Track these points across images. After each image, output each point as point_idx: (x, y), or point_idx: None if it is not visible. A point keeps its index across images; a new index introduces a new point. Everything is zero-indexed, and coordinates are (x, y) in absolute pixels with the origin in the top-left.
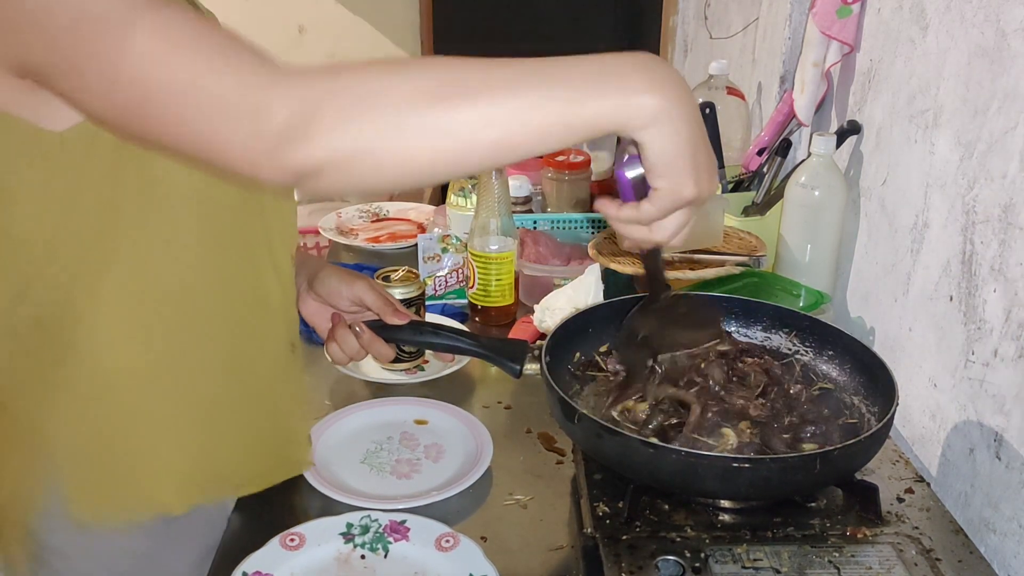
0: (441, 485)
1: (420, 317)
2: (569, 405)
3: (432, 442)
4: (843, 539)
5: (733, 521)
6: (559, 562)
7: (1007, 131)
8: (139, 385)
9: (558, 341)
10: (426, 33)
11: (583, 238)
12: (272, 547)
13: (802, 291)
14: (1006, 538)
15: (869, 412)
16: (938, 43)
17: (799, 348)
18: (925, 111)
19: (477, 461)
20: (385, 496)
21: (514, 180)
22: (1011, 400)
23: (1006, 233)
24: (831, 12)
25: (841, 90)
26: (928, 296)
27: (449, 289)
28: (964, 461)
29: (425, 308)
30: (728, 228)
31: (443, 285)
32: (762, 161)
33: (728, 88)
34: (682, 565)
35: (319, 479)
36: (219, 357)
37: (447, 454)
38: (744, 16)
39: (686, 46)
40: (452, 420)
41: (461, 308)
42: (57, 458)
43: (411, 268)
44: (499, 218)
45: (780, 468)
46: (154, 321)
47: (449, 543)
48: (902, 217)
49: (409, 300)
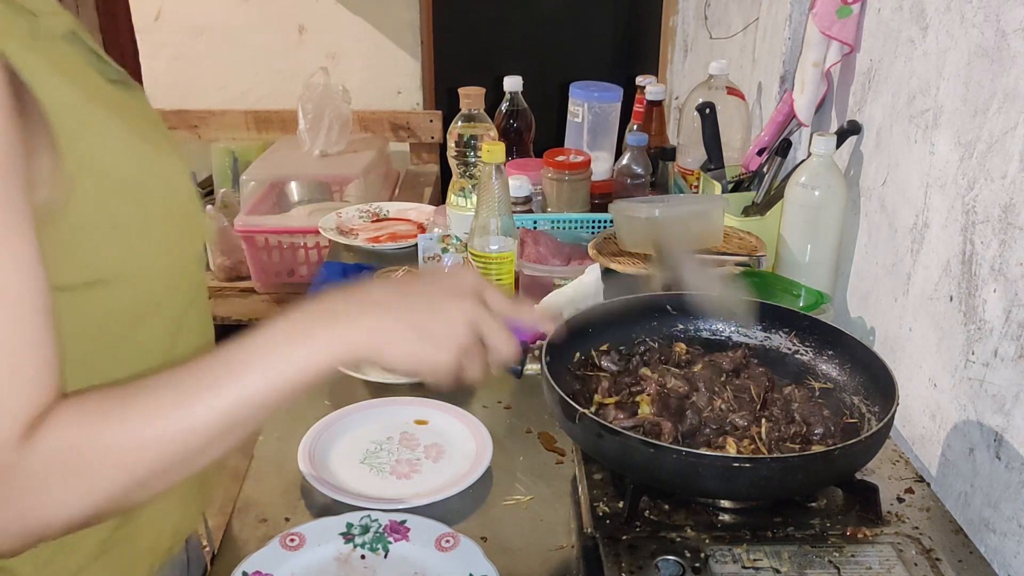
0: (441, 485)
1: None
2: (569, 405)
3: (432, 442)
4: (843, 539)
5: (733, 521)
6: (559, 562)
7: (1007, 131)
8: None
9: (558, 341)
10: (426, 33)
11: (583, 238)
12: (272, 547)
13: (802, 291)
14: (1006, 538)
15: (869, 412)
16: (938, 43)
17: (799, 348)
18: (925, 111)
19: (477, 461)
20: (385, 496)
21: (514, 180)
22: (1011, 400)
23: (1006, 233)
24: (831, 12)
25: (841, 90)
26: (928, 296)
27: None
28: (964, 461)
29: None
30: (728, 228)
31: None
32: (762, 161)
33: (728, 88)
34: (682, 565)
35: (319, 479)
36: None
37: (447, 454)
38: (744, 16)
39: (686, 46)
40: (452, 420)
41: None
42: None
43: (411, 268)
44: (499, 218)
45: (780, 468)
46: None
47: (449, 543)
48: (902, 217)
49: None
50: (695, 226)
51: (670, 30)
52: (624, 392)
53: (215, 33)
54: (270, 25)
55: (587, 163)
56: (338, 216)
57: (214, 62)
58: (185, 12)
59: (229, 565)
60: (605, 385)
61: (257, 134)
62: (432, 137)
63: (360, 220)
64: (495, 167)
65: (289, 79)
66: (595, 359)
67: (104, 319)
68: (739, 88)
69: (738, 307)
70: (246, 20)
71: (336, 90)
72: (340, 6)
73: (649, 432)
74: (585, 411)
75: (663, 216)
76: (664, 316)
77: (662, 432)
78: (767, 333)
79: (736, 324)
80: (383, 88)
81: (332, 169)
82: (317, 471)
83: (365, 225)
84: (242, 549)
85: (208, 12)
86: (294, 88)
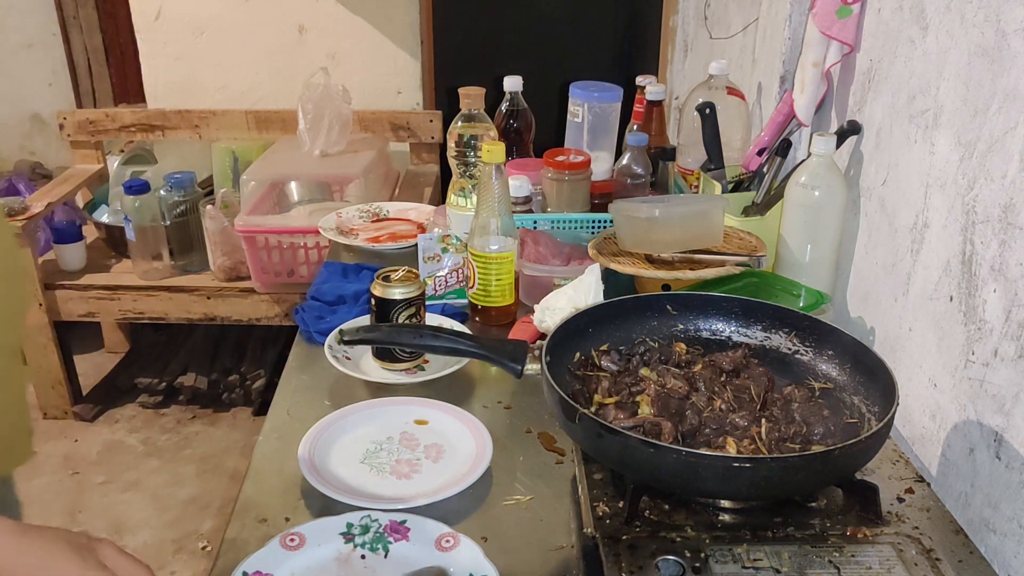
0: (441, 485)
1: (420, 317)
2: (569, 405)
3: (432, 442)
4: (843, 539)
5: (733, 521)
6: (559, 562)
7: (1007, 131)
8: None
9: (558, 341)
10: (426, 33)
11: (583, 238)
12: (272, 547)
13: (802, 291)
14: (1006, 538)
15: (869, 412)
16: (938, 43)
17: (799, 348)
18: (925, 111)
19: (477, 461)
20: (385, 496)
21: (514, 180)
22: (1011, 400)
23: (1006, 233)
24: (831, 12)
25: (841, 90)
26: (928, 296)
27: (449, 289)
28: (964, 461)
29: (425, 308)
30: (728, 228)
31: (443, 285)
32: (762, 161)
33: (728, 88)
34: (682, 565)
35: (319, 479)
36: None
37: (447, 454)
38: (744, 16)
39: (686, 46)
40: (452, 420)
41: (461, 308)
42: None
43: (411, 268)
44: (499, 218)
45: (780, 468)
46: None
47: (449, 543)
48: (902, 217)
49: (410, 300)
50: (695, 226)
51: (670, 30)
52: (624, 392)
53: (215, 33)
54: (270, 25)
55: (587, 163)
56: (338, 216)
57: (214, 62)
58: (185, 12)
59: (229, 565)
60: (605, 385)
61: (257, 134)
62: (432, 137)
63: (360, 220)
64: (495, 167)
65: (289, 79)
66: (595, 359)
67: None
68: (739, 88)
69: None
70: (246, 20)
71: (336, 90)
72: (340, 6)
73: (649, 432)
74: (585, 411)
75: (663, 216)
76: (664, 316)
77: (662, 432)
78: (767, 333)
79: (734, 324)
80: (383, 88)
81: (332, 169)
82: (317, 471)
83: (365, 225)
84: (242, 549)
85: (208, 12)
86: (294, 88)
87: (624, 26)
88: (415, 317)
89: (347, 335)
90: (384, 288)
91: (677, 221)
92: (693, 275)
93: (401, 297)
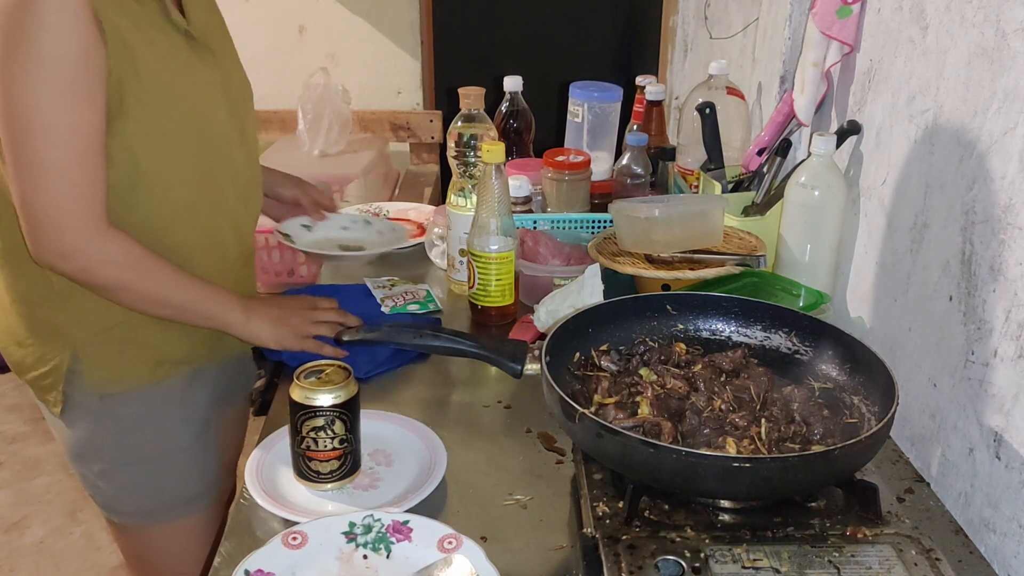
0: (413, 486)
1: (351, 434)
2: (569, 405)
3: (374, 448)
4: (843, 539)
5: (733, 521)
6: (559, 562)
7: (1007, 131)
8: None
9: (558, 341)
10: (426, 33)
11: (583, 238)
12: (274, 545)
13: (802, 291)
14: (1006, 538)
15: (869, 412)
16: (938, 43)
17: (799, 348)
18: (925, 111)
19: (433, 451)
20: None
21: (514, 180)
22: (1011, 400)
23: (1006, 233)
24: (831, 12)
25: (841, 90)
26: (928, 296)
27: (408, 302)
28: (964, 461)
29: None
30: (728, 228)
31: (401, 300)
32: (762, 161)
33: (728, 88)
34: (682, 565)
35: (279, 506)
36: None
37: (396, 457)
38: (744, 16)
39: (686, 46)
40: (379, 424)
41: (430, 315)
42: (76, 342)
43: (344, 363)
44: (499, 218)
45: (780, 468)
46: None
47: (452, 544)
48: (902, 217)
49: (340, 407)
50: (695, 226)
51: (670, 30)
52: (624, 392)
53: None
54: (270, 25)
55: (587, 163)
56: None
57: None
58: None
59: (231, 563)
60: (605, 385)
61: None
62: (432, 137)
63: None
64: (495, 167)
65: (289, 79)
66: (595, 359)
67: (148, 215)
68: (739, 88)
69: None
70: (246, 20)
71: (336, 90)
72: (340, 6)
73: (649, 432)
74: (585, 411)
75: (663, 216)
76: (664, 316)
77: (662, 432)
78: (767, 333)
79: (734, 324)
80: (383, 88)
81: (332, 169)
82: (278, 502)
83: None
84: (244, 547)
85: None
86: (294, 88)
87: (624, 26)
88: (347, 434)
89: (346, 336)
90: (304, 391)
91: (677, 221)
92: (693, 275)
93: (328, 404)
